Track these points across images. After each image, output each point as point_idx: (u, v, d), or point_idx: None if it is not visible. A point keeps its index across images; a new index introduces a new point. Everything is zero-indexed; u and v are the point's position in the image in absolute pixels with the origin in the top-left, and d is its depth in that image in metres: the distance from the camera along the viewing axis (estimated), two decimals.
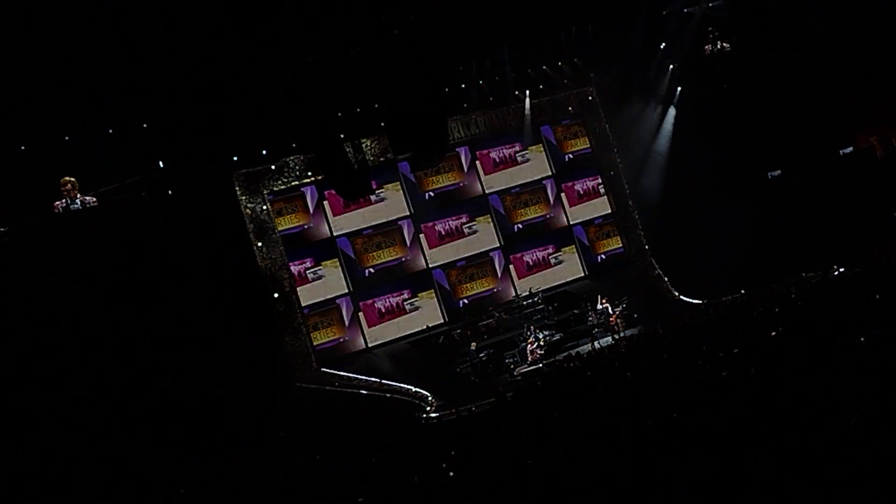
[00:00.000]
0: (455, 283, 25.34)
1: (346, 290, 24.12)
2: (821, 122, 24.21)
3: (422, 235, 25.16)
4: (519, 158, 26.54)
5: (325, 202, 24.11)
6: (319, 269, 23.88)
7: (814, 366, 9.57)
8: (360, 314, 24.13)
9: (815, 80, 23.89)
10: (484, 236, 25.91)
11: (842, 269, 19.82)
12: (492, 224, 25.98)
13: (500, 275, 25.77)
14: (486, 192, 26.08)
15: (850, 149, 25.17)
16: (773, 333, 12.41)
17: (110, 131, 18.94)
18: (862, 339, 10.58)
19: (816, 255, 20.92)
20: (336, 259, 24.11)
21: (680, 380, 11.38)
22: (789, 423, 8.23)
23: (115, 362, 17.85)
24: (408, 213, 25.09)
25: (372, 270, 24.52)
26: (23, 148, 17.57)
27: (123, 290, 18.38)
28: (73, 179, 17.51)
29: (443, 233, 25.37)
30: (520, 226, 26.40)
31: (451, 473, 10.46)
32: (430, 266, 25.11)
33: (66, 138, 18.21)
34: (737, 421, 8.92)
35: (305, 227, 23.91)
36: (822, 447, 7.19)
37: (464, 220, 25.76)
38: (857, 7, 22.12)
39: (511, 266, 25.94)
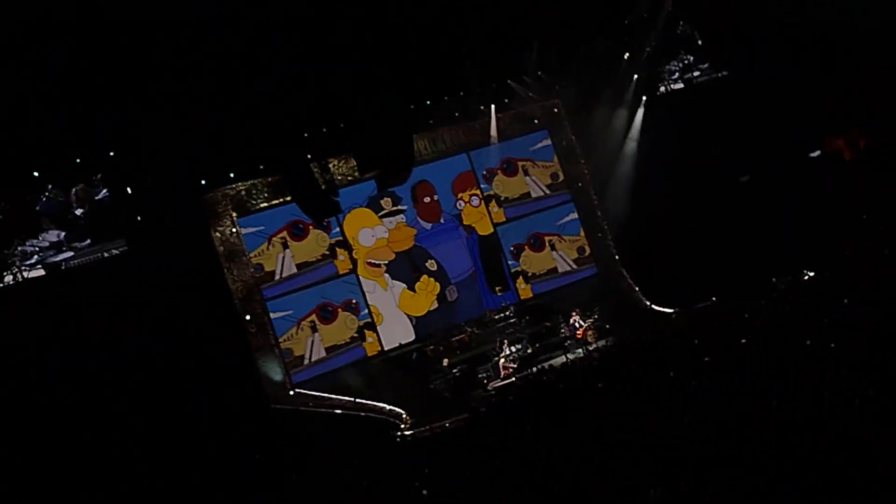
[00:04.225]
0: None
1: None
2: (789, 125, 24.35)
3: None
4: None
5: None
6: None
7: (785, 370, 9.60)
8: None
9: (781, 83, 24.02)
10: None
11: (812, 273, 19.91)
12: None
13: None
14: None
15: (819, 152, 25.31)
16: (743, 341, 12.47)
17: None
18: (832, 344, 10.64)
19: (787, 259, 20.97)
20: None
21: (652, 389, 11.39)
22: (763, 426, 8.22)
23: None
24: None
25: None
26: None
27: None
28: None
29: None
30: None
31: (424, 492, 10.40)
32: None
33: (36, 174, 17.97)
34: (709, 427, 8.91)
35: None
36: (800, 450, 7.18)
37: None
38: (824, 10, 22.26)
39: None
